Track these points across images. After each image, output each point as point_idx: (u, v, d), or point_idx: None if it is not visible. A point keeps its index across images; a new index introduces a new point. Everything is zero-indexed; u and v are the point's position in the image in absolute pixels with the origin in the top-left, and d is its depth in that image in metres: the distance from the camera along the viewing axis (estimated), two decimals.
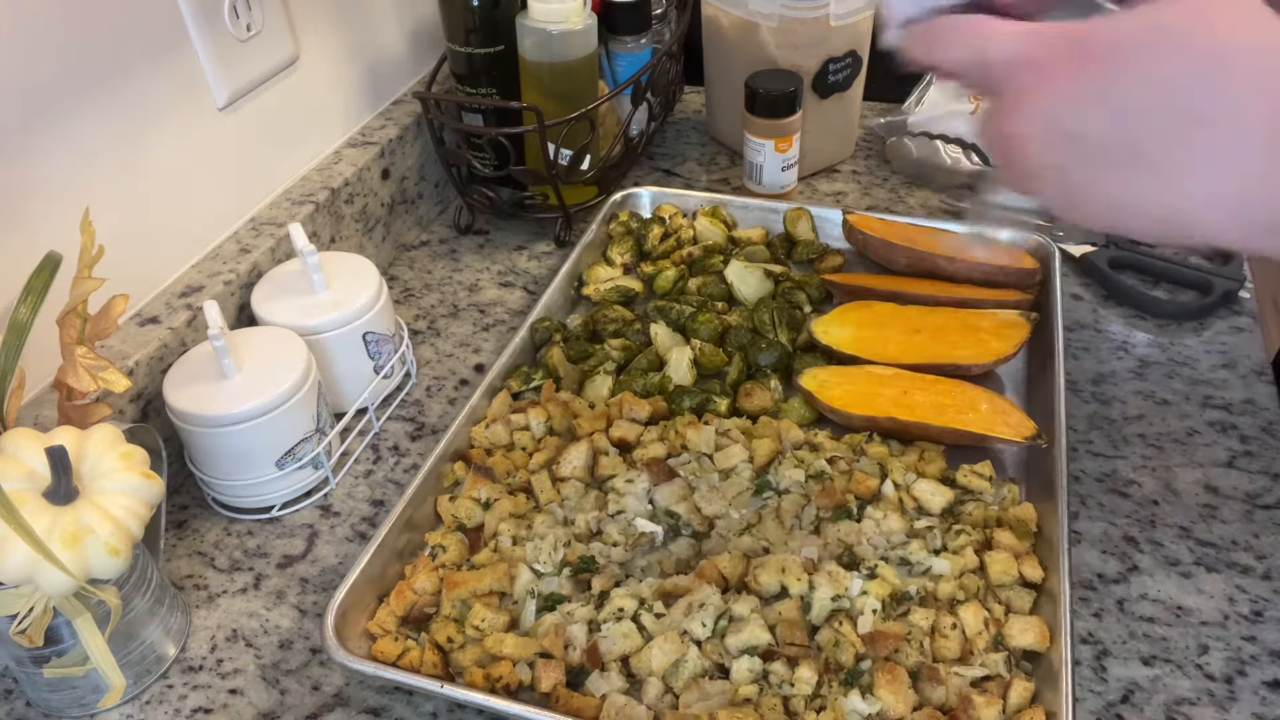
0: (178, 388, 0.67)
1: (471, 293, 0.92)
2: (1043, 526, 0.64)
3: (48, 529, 0.50)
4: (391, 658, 0.59)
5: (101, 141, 0.68)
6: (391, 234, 0.96)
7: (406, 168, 0.96)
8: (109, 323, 0.59)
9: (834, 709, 0.54)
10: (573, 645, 0.58)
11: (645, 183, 1.02)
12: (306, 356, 0.69)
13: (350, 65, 0.92)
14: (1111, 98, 0.37)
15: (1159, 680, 0.58)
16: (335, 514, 0.72)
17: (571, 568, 0.63)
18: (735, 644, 0.57)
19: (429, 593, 0.62)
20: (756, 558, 0.62)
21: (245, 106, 0.79)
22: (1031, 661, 0.58)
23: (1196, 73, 0.35)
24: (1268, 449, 0.72)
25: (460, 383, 0.82)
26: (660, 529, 0.65)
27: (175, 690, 0.61)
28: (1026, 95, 0.39)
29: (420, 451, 0.76)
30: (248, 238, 0.80)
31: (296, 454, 0.69)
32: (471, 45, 0.88)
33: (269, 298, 0.75)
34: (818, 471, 0.68)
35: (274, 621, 0.64)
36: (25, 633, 0.53)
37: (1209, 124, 0.36)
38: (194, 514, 0.72)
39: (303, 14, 0.84)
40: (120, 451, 0.54)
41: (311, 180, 0.87)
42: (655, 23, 1.01)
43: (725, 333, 0.80)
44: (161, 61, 0.71)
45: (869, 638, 0.57)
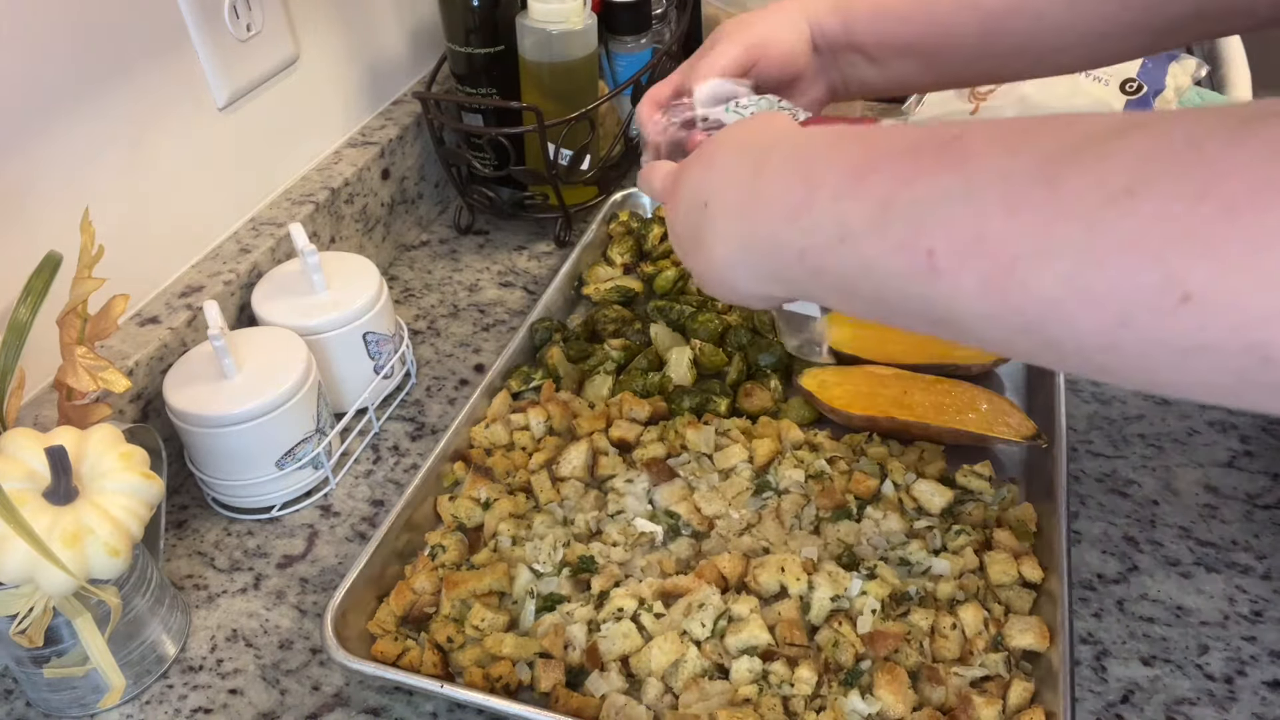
0: (178, 388, 0.67)
1: (471, 293, 0.92)
2: (1042, 527, 0.64)
3: (48, 529, 0.50)
4: (391, 658, 0.59)
5: (101, 141, 0.68)
6: (391, 234, 0.96)
7: (406, 168, 0.96)
8: (109, 323, 0.59)
9: (834, 709, 0.54)
10: (572, 645, 0.58)
11: None
12: (306, 357, 0.69)
13: (350, 65, 0.92)
14: (680, 205, 0.50)
15: (1159, 680, 0.58)
16: (335, 514, 0.72)
17: (571, 568, 0.63)
18: (735, 644, 0.57)
19: (429, 593, 0.62)
20: (756, 558, 0.62)
21: (245, 106, 0.79)
22: (1031, 662, 0.58)
23: (701, 173, 0.48)
24: (1268, 449, 0.72)
25: (460, 383, 0.82)
26: (660, 529, 0.65)
27: (175, 690, 0.61)
28: (669, 209, 0.52)
29: (420, 451, 0.76)
30: (248, 238, 0.80)
31: (296, 454, 0.69)
32: (471, 45, 0.88)
33: (269, 298, 0.75)
34: (817, 471, 0.68)
35: (274, 621, 0.64)
36: (25, 633, 0.53)
37: (708, 209, 0.47)
38: (194, 514, 0.72)
39: (303, 14, 0.84)
40: (120, 451, 0.54)
41: (311, 180, 0.87)
42: (655, 23, 1.01)
43: (725, 332, 0.80)
44: (161, 61, 0.71)
45: (869, 638, 0.57)
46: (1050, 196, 0.31)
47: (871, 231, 0.37)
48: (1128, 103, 0.93)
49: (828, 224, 0.39)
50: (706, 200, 0.46)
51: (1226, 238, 0.27)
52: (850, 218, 0.38)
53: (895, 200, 0.37)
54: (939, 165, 0.36)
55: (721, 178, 0.46)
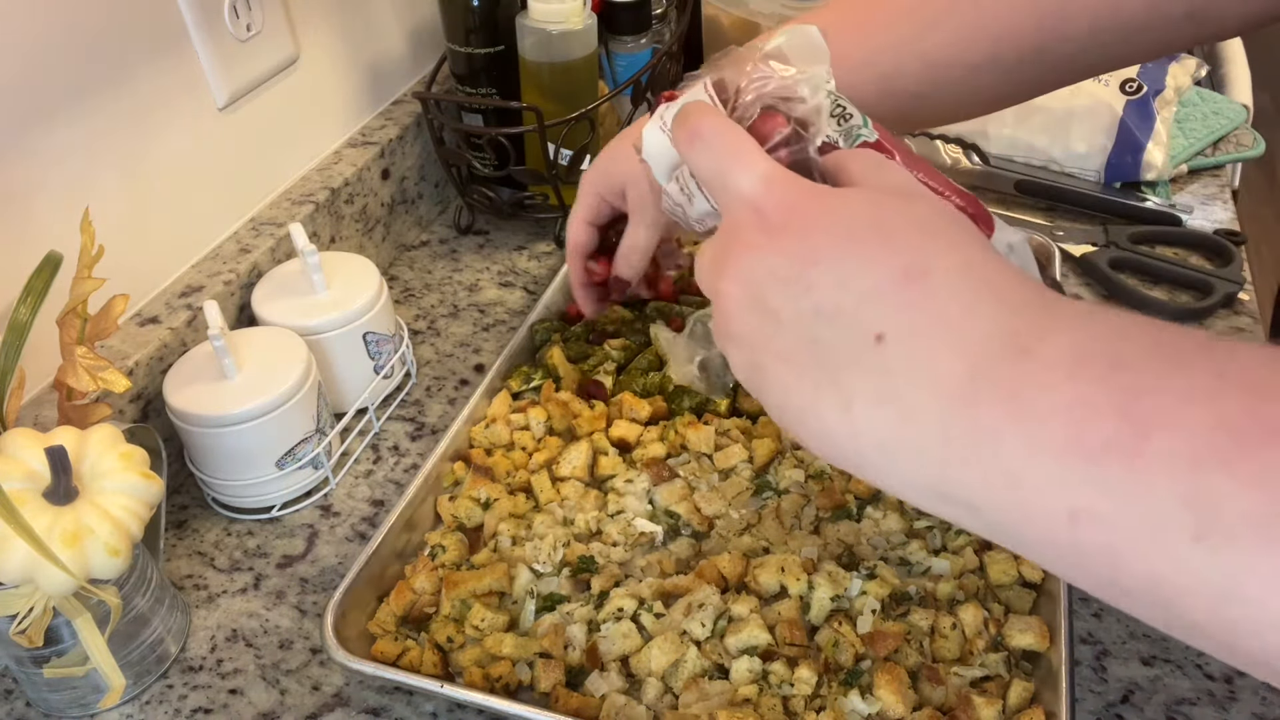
0: (178, 388, 0.67)
1: (471, 293, 0.92)
2: None
3: (47, 529, 0.50)
4: (391, 658, 0.59)
5: (102, 141, 0.68)
6: (391, 234, 0.96)
7: (406, 168, 0.96)
8: (109, 323, 0.59)
9: (834, 709, 0.54)
10: (572, 645, 0.58)
11: None
12: (306, 357, 0.69)
13: (350, 65, 0.92)
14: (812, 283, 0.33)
15: (1159, 680, 0.58)
16: (335, 514, 0.72)
17: (571, 568, 0.63)
18: (735, 644, 0.57)
19: (429, 593, 0.62)
20: (756, 558, 0.62)
21: (245, 106, 0.79)
22: (1031, 661, 0.58)
23: (889, 289, 0.32)
24: None
25: (460, 383, 0.82)
26: (660, 529, 0.65)
27: (175, 690, 0.61)
28: (742, 247, 0.35)
29: (420, 451, 0.76)
30: (248, 238, 0.80)
31: (296, 454, 0.69)
32: (471, 45, 0.88)
33: (269, 298, 0.75)
34: (817, 471, 0.68)
35: (274, 621, 0.64)
36: (25, 633, 0.53)
37: (882, 348, 0.32)
38: (194, 514, 0.72)
39: (303, 14, 0.84)
40: (120, 451, 0.54)
41: (311, 180, 0.87)
42: (655, 23, 1.01)
43: None
44: (161, 61, 0.71)
45: (868, 638, 0.57)
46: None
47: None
48: (1127, 103, 0.94)
49: (1148, 502, 0.26)
50: (883, 332, 0.31)
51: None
52: (1218, 502, 0.25)
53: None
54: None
55: (929, 314, 0.31)
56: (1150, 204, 0.94)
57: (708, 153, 0.37)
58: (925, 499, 0.32)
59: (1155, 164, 0.93)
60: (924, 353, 0.31)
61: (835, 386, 0.33)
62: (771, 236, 0.34)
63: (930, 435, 0.31)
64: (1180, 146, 0.97)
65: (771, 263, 0.34)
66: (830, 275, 0.33)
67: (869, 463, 0.33)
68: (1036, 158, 0.98)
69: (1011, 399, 0.29)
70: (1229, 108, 1.02)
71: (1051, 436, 0.28)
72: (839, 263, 0.32)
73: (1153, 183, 0.95)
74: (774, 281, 0.34)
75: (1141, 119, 0.93)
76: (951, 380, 0.30)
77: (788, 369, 0.34)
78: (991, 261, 0.32)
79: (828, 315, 0.32)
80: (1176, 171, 0.97)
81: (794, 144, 0.39)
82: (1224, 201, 0.96)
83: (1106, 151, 0.94)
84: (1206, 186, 0.98)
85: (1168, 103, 0.96)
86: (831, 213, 0.34)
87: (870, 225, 0.33)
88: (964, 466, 0.30)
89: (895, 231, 0.33)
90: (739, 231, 0.35)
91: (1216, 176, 0.99)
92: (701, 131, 0.37)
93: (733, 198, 0.36)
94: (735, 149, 0.36)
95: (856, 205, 0.34)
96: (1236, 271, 0.85)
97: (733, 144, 0.36)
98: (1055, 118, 0.96)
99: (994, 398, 0.29)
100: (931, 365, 0.31)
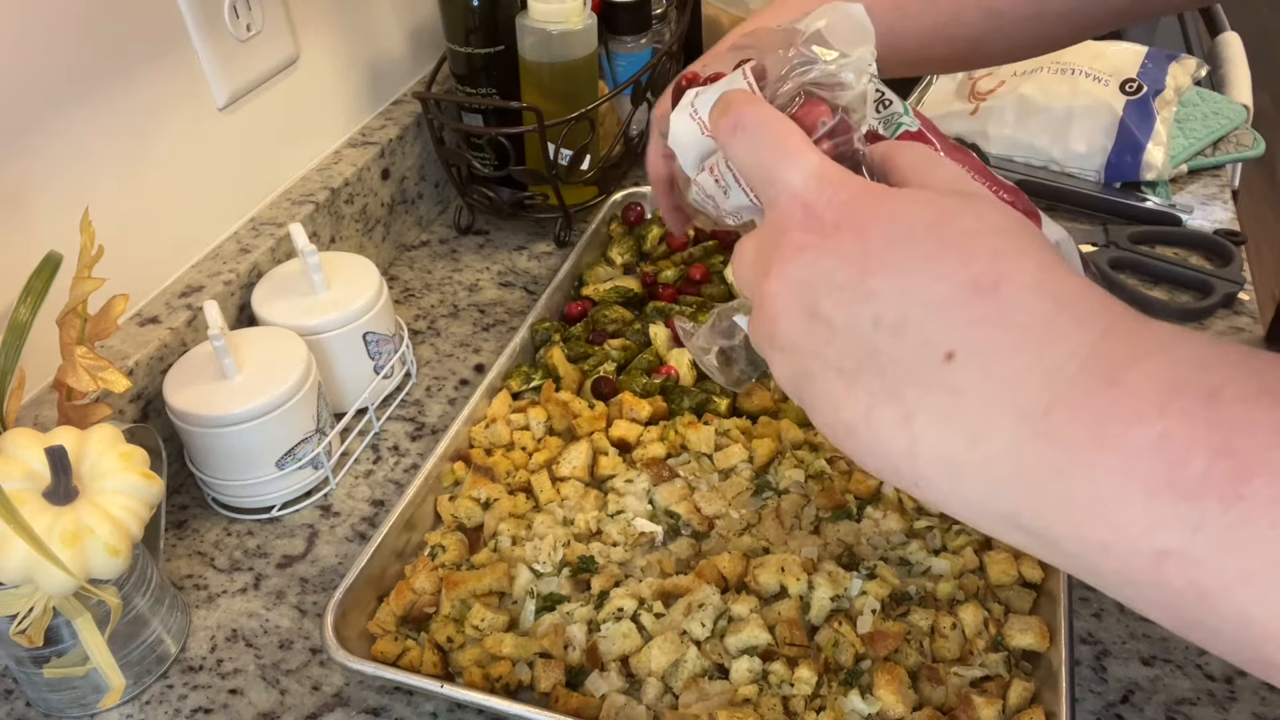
0: (178, 388, 0.67)
1: (471, 293, 0.92)
2: None
3: (47, 529, 0.50)
4: (391, 658, 0.59)
5: (101, 141, 0.68)
6: (391, 234, 0.96)
7: (406, 168, 0.96)
8: (109, 323, 0.59)
9: (834, 709, 0.54)
10: (572, 645, 0.58)
11: (645, 183, 1.02)
12: (306, 357, 0.69)
13: (350, 65, 0.92)
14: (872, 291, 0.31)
15: (1159, 680, 0.58)
16: (335, 514, 0.72)
17: (571, 568, 0.63)
18: (735, 644, 0.57)
19: (429, 593, 0.62)
20: (756, 558, 0.62)
21: (245, 106, 0.79)
22: (1031, 661, 0.58)
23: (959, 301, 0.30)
24: None
25: (460, 383, 0.82)
26: (660, 529, 0.65)
27: (175, 690, 0.61)
28: (794, 248, 0.33)
29: (420, 451, 0.76)
30: (248, 238, 0.80)
31: (296, 454, 0.69)
32: (471, 45, 0.88)
33: (269, 298, 0.75)
34: (817, 471, 0.68)
35: (274, 621, 0.64)
36: (25, 633, 0.52)
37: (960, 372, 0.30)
38: (194, 514, 0.72)
39: (303, 14, 0.84)
40: (120, 451, 0.54)
41: (311, 180, 0.87)
42: (655, 23, 1.01)
43: None
44: (161, 61, 0.71)
45: (868, 638, 0.57)
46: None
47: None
48: (1127, 103, 0.94)
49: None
50: (953, 349, 0.30)
51: None
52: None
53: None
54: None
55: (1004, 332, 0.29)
56: (1150, 204, 0.94)
57: (752, 145, 0.35)
58: (991, 524, 0.31)
59: (1155, 164, 0.93)
60: (999, 374, 0.29)
61: (895, 401, 0.31)
62: (824, 237, 0.32)
63: (1003, 461, 0.29)
64: (1180, 146, 0.97)
65: (825, 266, 0.32)
66: (893, 284, 0.31)
67: (928, 482, 0.31)
68: (1037, 158, 0.98)
69: (1097, 430, 0.27)
70: (1229, 108, 1.02)
71: (1141, 472, 0.26)
72: (902, 270, 0.31)
73: (1153, 183, 0.95)
74: (828, 287, 0.32)
75: (1141, 119, 0.93)
76: (1029, 405, 0.28)
77: (840, 380, 0.32)
78: (1065, 273, 0.30)
79: (890, 326, 0.31)
80: (1176, 171, 0.97)
81: (839, 135, 0.37)
82: (1224, 201, 0.96)
83: (1106, 151, 0.94)
84: (1206, 186, 0.98)
85: (1168, 103, 0.96)
86: (890, 214, 0.32)
87: (933, 229, 0.31)
88: (1039, 497, 0.29)
89: (960, 237, 0.31)
90: (787, 230, 0.33)
91: (1216, 176, 0.99)
92: (745, 121, 0.35)
93: (780, 193, 0.34)
94: (782, 141, 0.34)
95: (917, 207, 0.32)
96: (1236, 271, 0.85)
97: (780, 136, 0.34)
98: (1055, 118, 0.96)
99: (1077, 427, 0.28)
100: (1007, 387, 0.29)
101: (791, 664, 0.56)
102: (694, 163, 0.41)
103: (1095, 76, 0.96)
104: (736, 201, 0.39)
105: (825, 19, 0.39)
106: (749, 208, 0.39)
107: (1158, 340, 0.28)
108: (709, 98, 0.39)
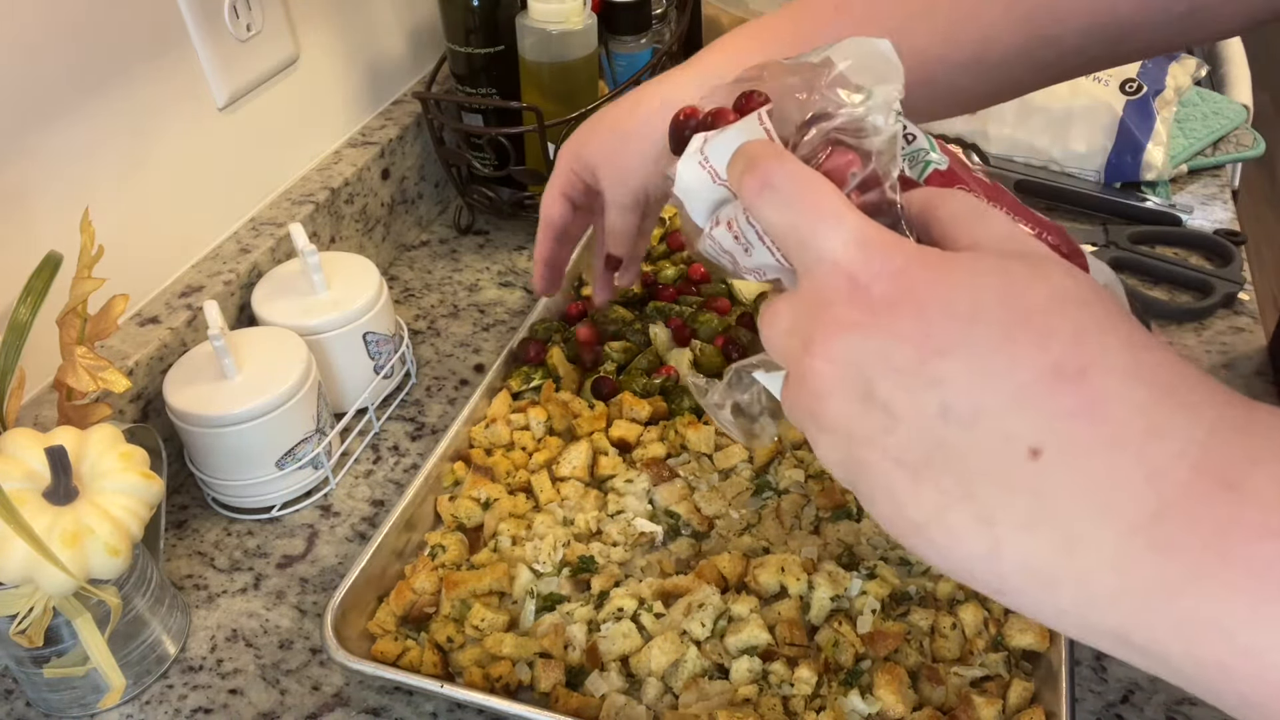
0: (178, 388, 0.67)
1: (471, 293, 0.92)
2: None
3: (47, 529, 0.50)
4: (391, 658, 0.59)
5: (101, 142, 0.68)
6: (391, 234, 0.96)
7: (406, 168, 0.96)
8: (109, 323, 0.59)
9: (834, 709, 0.54)
10: (572, 645, 0.58)
11: None
12: (306, 357, 0.69)
13: (350, 65, 0.92)
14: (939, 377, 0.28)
15: (1159, 680, 0.58)
16: (335, 514, 0.72)
17: (571, 568, 0.63)
18: (735, 644, 0.57)
19: (429, 593, 0.62)
20: (756, 558, 0.62)
21: (245, 106, 0.79)
22: (1031, 661, 0.58)
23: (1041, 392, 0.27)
24: None
25: (460, 383, 0.82)
26: (660, 529, 0.65)
27: (175, 690, 0.61)
28: (841, 325, 0.30)
29: (420, 451, 0.76)
30: (248, 238, 0.80)
31: (296, 454, 0.69)
32: (471, 45, 0.88)
33: (269, 298, 0.75)
34: (817, 471, 0.68)
35: (274, 621, 0.64)
36: (25, 633, 0.53)
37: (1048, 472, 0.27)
38: (194, 514, 0.72)
39: (303, 14, 0.84)
40: (120, 451, 0.54)
41: (311, 180, 0.87)
42: (655, 23, 1.01)
43: (726, 332, 0.80)
44: (161, 61, 0.71)
45: (868, 638, 0.57)
46: None
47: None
48: (1127, 103, 0.94)
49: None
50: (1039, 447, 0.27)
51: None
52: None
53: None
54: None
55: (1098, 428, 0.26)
56: (1150, 204, 0.94)
57: (783, 207, 0.32)
58: (1088, 635, 0.28)
59: (1155, 164, 0.93)
60: (1095, 474, 0.26)
61: (970, 500, 0.28)
62: (876, 315, 0.29)
63: (1104, 574, 0.26)
64: (1180, 146, 0.97)
65: (878, 346, 0.29)
66: (961, 368, 0.28)
67: (1014, 589, 0.28)
68: (1037, 158, 0.98)
69: (1216, 543, 0.25)
70: (1229, 108, 1.02)
71: (1271, 591, 0.24)
72: (971, 354, 0.28)
73: (1153, 183, 0.96)
74: (886, 370, 0.29)
75: (1141, 119, 0.93)
76: (1134, 512, 0.26)
77: (902, 472, 0.29)
78: (1156, 352, 0.28)
79: (963, 418, 0.28)
80: (1176, 171, 0.97)
81: (871, 187, 0.34)
82: (1224, 201, 0.96)
83: (1106, 151, 0.94)
84: (1206, 186, 0.98)
85: (1168, 103, 0.96)
86: (950, 287, 0.29)
87: (1001, 305, 0.28)
88: (1147, 612, 0.26)
89: (1035, 314, 0.28)
90: (829, 304, 0.30)
91: (1216, 176, 0.99)
92: (773, 180, 0.32)
93: (817, 261, 0.31)
94: (818, 203, 0.31)
95: (979, 277, 0.29)
96: (1236, 271, 0.85)
97: (814, 196, 0.31)
98: (1055, 118, 0.96)
99: (1192, 540, 0.25)
100: (1106, 491, 0.26)
101: (791, 664, 0.56)
102: (705, 213, 0.38)
103: (1095, 76, 0.96)
104: (760, 260, 0.36)
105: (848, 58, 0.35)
106: (775, 267, 0.36)
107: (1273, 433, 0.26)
108: (721, 145, 0.35)
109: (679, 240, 0.91)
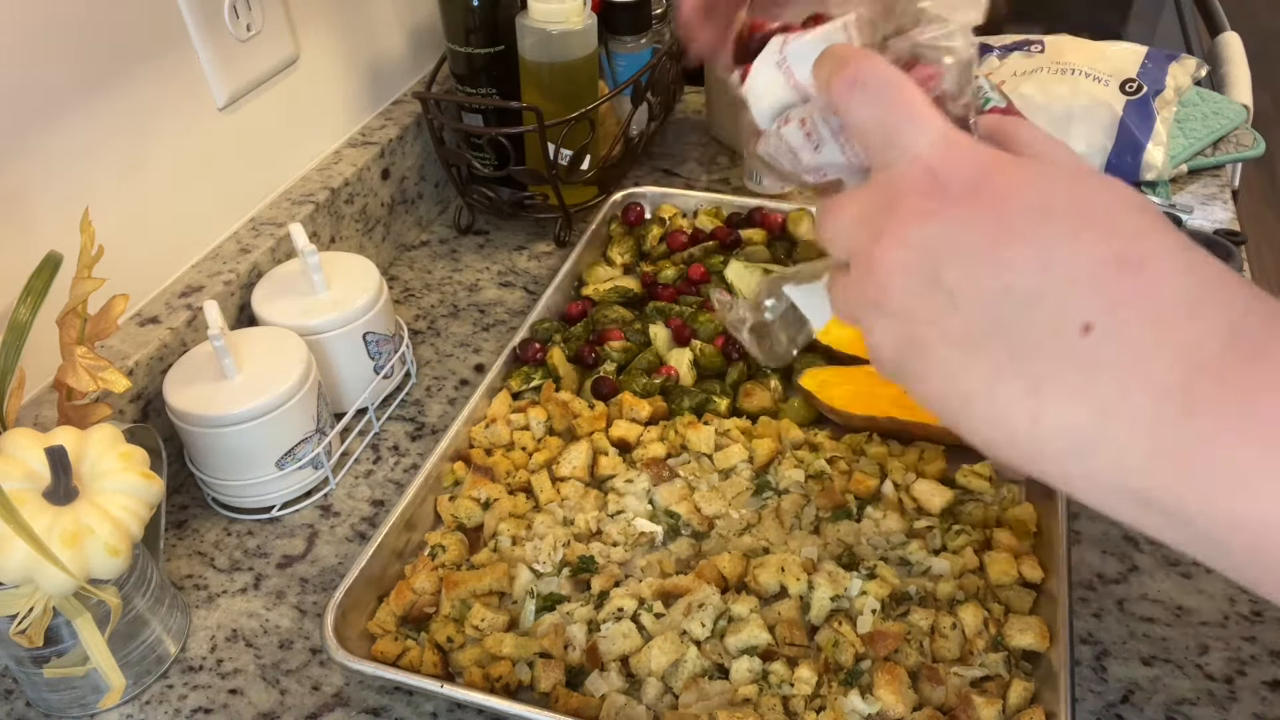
0: (178, 388, 0.67)
1: (471, 293, 0.92)
2: (1042, 526, 0.64)
3: (47, 529, 0.50)
4: (391, 658, 0.59)
5: (101, 141, 0.68)
6: (391, 234, 0.96)
7: (406, 168, 0.96)
8: (109, 323, 0.59)
9: (834, 709, 0.54)
10: (572, 645, 0.58)
11: (645, 183, 1.02)
12: (306, 357, 0.69)
13: (350, 65, 0.92)
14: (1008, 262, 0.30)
15: (1159, 680, 0.58)
16: (335, 514, 0.72)
17: (571, 568, 0.63)
18: (735, 644, 0.57)
19: (429, 593, 0.62)
20: (756, 558, 0.62)
21: (245, 106, 0.79)
22: (1031, 661, 0.58)
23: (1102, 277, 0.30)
24: None
25: (460, 383, 0.82)
26: (660, 529, 0.65)
27: (175, 690, 0.61)
28: (918, 213, 0.32)
29: (420, 451, 0.76)
30: (248, 238, 0.80)
31: (296, 454, 0.69)
32: (471, 45, 0.88)
33: (269, 298, 0.75)
34: (817, 471, 0.68)
35: (274, 621, 0.64)
36: (25, 633, 0.53)
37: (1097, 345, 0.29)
38: (194, 514, 0.72)
39: (303, 14, 0.84)
40: (120, 451, 0.54)
41: (311, 180, 0.87)
42: (655, 23, 1.01)
43: (725, 332, 0.80)
44: (161, 61, 0.71)
45: (868, 638, 0.57)
46: None
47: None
48: (1127, 103, 0.94)
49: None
50: (1091, 322, 0.29)
51: None
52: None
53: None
54: None
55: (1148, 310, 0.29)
56: None
57: (872, 104, 0.33)
58: (1115, 501, 0.30)
59: (1155, 164, 0.93)
60: (1138, 347, 0.29)
61: (1021, 374, 0.30)
62: (953, 205, 0.31)
63: (1136, 435, 0.29)
64: (1180, 146, 0.97)
65: (954, 234, 0.31)
66: (1030, 254, 0.30)
67: (1050, 457, 0.31)
68: None
69: (1241, 404, 0.28)
70: (1229, 108, 1.02)
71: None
72: (1041, 243, 0.30)
73: (1153, 183, 0.95)
74: (956, 256, 0.31)
75: (1141, 119, 0.93)
76: (1170, 379, 0.29)
77: (958, 350, 0.32)
78: (1203, 254, 0.30)
79: (1023, 298, 0.30)
80: (1176, 171, 0.97)
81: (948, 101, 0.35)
82: (1224, 201, 0.96)
83: (1106, 151, 0.94)
84: (1206, 186, 0.98)
85: (1168, 103, 0.96)
86: (1026, 186, 0.31)
87: (1072, 203, 0.31)
88: (1175, 472, 0.29)
89: (1102, 214, 0.30)
90: (906, 194, 0.32)
91: (1216, 176, 0.99)
92: (864, 78, 0.33)
93: (900, 155, 0.33)
94: (908, 103, 0.33)
95: (1053, 181, 0.31)
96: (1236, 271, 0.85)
97: (904, 96, 0.33)
98: (1055, 118, 0.96)
99: (1220, 402, 0.28)
100: (1146, 362, 0.29)
101: (791, 664, 0.56)
102: (769, 115, 0.39)
103: (1095, 76, 0.96)
104: (827, 159, 0.37)
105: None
106: (838, 166, 0.37)
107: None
108: (804, 49, 0.36)
109: (679, 240, 0.91)
